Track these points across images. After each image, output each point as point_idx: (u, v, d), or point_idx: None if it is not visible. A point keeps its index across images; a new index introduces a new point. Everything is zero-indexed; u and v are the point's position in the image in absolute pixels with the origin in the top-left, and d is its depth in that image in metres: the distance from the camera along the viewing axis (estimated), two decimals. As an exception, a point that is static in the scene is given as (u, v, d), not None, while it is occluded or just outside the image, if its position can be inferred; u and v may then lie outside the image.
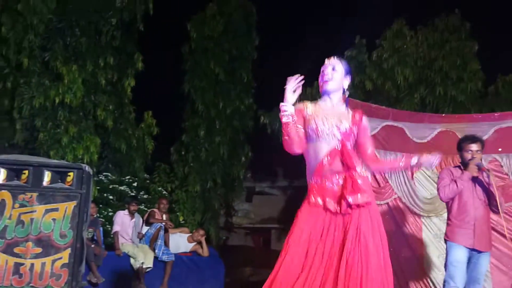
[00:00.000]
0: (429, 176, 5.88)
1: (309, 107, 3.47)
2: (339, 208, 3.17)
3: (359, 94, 9.67)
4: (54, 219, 5.30)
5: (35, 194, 5.29)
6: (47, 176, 5.35)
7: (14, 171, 5.35)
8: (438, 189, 4.71)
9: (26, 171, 5.33)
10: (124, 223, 7.81)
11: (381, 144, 6.18)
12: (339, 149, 3.27)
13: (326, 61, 3.48)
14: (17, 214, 5.23)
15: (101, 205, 9.35)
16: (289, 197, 17.61)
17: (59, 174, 5.41)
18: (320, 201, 3.26)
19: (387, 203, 6.09)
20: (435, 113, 8.94)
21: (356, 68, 10.47)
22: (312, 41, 12.79)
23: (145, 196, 10.33)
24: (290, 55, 13.49)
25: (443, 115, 7.97)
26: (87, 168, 5.51)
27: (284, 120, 3.31)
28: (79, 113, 9.26)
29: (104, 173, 9.91)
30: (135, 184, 10.15)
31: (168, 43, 12.98)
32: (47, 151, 8.80)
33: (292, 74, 3.41)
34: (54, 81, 9.03)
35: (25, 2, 8.86)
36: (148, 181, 10.86)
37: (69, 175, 5.39)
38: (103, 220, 8.87)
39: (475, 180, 4.55)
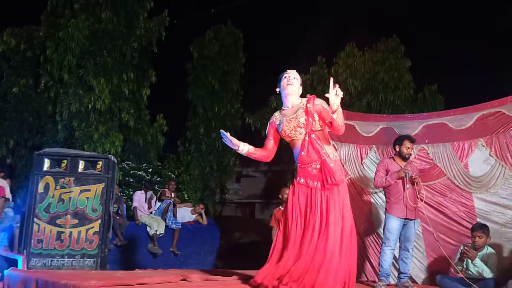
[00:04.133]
0: (374, 162, 5.87)
1: (277, 117, 3.46)
2: (318, 186, 3.21)
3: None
4: (87, 197, 5.26)
5: (72, 178, 5.25)
6: (81, 164, 5.31)
7: (55, 161, 5.30)
8: (374, 179, 4.86)
9: (65, 161, 5.28)
10: (141, 200, 7.73)
11: (337, 137, 6.15)
12: (307, 140, 3.24)
13: (289, 71, 3.47)
14: (58, 194, 5.19)
15: (123, 186, 9.28)
16: (269, 178, 17.66)
17: (91, 163, 5.37)
18: (303, 181, 3.30)
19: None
20: (378, 113, 8.96)
21: (318, 80, 10.48)
22: (285, 59, 12.76)
23: (158, 179, 10.27)
24: (268, 70, 13.43)
25: (384, 115, 7.97)
26: (112, 158, 5.46)
27: (244, 154, 3.46)
28: (106, 116, 9.17)
29: (126, 162, 9.85)
30: (150, 170, 10.10)
31: (175, 61, 12.89)
32: (82, 145, 8.71)
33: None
34: (87, 91, 8.93)
35: (65, 31, 8.80)
36: (160, 167, 10.78)
37: (99, 164, 5.36)
38: (125, 198, 8.79)
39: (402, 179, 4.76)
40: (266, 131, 3.55)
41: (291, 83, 3.37)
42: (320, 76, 10.47)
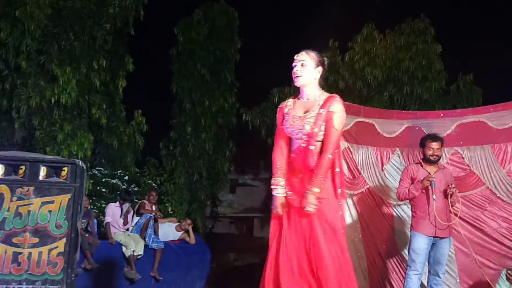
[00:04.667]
0: (398, 168, 5.89)
1: (288, 105, 3.50)
2: (299, 203, 3.25)
3: (333, 92, 9.63)
4: (50, 211, 5.21)
5: (31, 188, 5.20)
6: (43, 171, 5.26)
7: (12, 167, 5.25)
8: (397, 189, 4.89)
9: (23, 167, 5.23)
10: (115, 214, 7.74)
11: (354, 138, 6.20)
12: (303, 147, 3.30)
13: (296, 57, 3.42)
14: (15, 207, 5.14)
15: (94, 197, 9.28)
16: (270, 188, 17.65)
17: (54, 169, 5.33)
18: (289, 193, 3.37)
19: (361, 192, 6.11)
20: (402, 110, 8.98)
21: (329, 69, 10.47)
22: (290, 44, 12.80)
23: (136, 189, 10.26)
24: (270, 57, 13.49)
25: (410, 111, 8.00)
26: (80, 163, 5.43)
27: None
28: (73, 112, 9.19)
29: (97, 168, 9.86)
30: (126, 177, 10.10)
31: (156, 46, 12.91)
32: (43, 148, 8.70)
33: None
34: (50, 82, 8.93)
35: (22, 8, 8.78)
36: (138, 175, 10.78)
37: (64, 170, 5.30)
38: (97, 211, 8.80)
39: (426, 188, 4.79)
40: (276, 118, 3.59)
41: (299, 76, 3.38)
42: (332, 65, 10.48)
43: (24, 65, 8.88)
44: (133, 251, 7.38)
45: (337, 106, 3.30)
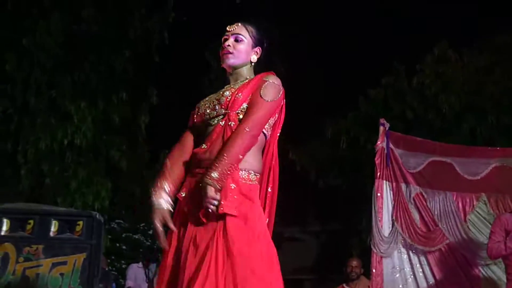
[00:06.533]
0: (484, 218, 5.74)
1: (201, 106, 3.06)
2: (193, 213, 2.70)
3: (399, 125, 9.60)
4: (62, 274, 5.27)
5: (41, 246, 5.28)
6: (54, 226, 5.35)
7: (18, 221, 5.36)
8: (487, 244, 4.75)
9: (31, 221, 5.34)
10: (138, 277, 7.74)
11: (428, 182, 6.09)
12: (221, 127, 2.79)
13: (228, 29, 3.04)
14: (21, 269, 5.22)
15: (113, 256, 9.32)
16: (323, 242, 17.43)
17: (68, 223, 5.41)
18: (184, 195, 2.80)
19: (439, 249, 5.97)
20: (487, 145, 8.79)
21: (394, 97, 10.45)
22: (345, 67, 12.85)
23: (163, 245, 10.25)
24: (320, 85, 13.49)
25: (498, 148, 7.81)
26: (97, 215, 5.51)
27: None
28: (89, 155, 9.33)
29: (117, 220, 9.92)
30: (150, 231, 10.10)
31: (185, 74, 13.13)
32: (54, 198, 8.84)
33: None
34: (62, 121, 9.11)
35: (31, 36, 9.04)
36: (166, 228, 10.78)
37: (78, 224, 5.39)
38: (116, 273, 8.83)
39: None
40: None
41: (231, 53, 3.00)
42: (397, 91, 10.45)
43: (33, 101, 9.07)
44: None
45: (272, 77, 2.91)
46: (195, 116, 3.04)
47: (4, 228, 5.29)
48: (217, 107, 2.86)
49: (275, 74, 2.96)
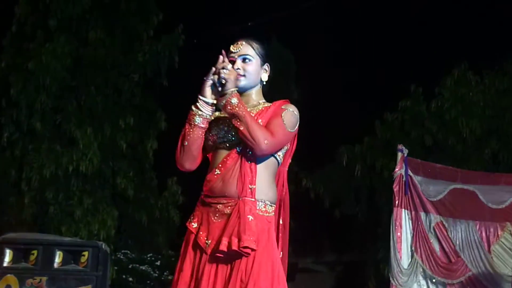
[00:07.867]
0: (510, 249, 5.69)
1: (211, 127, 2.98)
2: (213, 246, 2.68)
3: (417, 151, 9.55)
4: (66, 308, 5.26)
5: (44, 278, 5.28)
6: (58, 257, 5.36)
7: (21, 252, 5.37)
8: None
9: (35, 251, 5.35)
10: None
11: (449, 210, 6.06)
12: (238, 153, 2.78)
13: (233, 49, 2.92)
14: (24, 302, 5.22)
15: (120, 289, 9.29)
16: (339, 274, 17.28)
17: (72, 254, 5.42)
18: (195, 226, 2.82)
19: (461, 282, 5.91)
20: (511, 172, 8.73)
21: (412, 121, 10.41)
22: (361, 90, 12.86)
23: (170, 277, 10.22)
24: (333, 108, 13.51)
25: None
26: (103, 246, 5.51)
27: (193, 122, 2.93)
28: (94, 182, 9.35)
29: (123, 251, 9.87)
30: (158, 262, 10.07)
31: (194, 98, 13.16)
32: (58, 227, 8.84)
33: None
34: (67, 147, 9.16)
35: (37, 59, 9.12)
36: (173, 259, 10.76)
37: (83, 255, 5.39)
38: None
39: None
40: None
41: (242, 76, 2.89)
42: (415, 116, 10.41)
43: (38, 126, 9.12)
44: None
45: (292, 106, 2.85)
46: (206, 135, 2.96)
47: (7, 259, 5.30)
48: (233, 132, 2.80)
49: (290, 102, 2.91)
